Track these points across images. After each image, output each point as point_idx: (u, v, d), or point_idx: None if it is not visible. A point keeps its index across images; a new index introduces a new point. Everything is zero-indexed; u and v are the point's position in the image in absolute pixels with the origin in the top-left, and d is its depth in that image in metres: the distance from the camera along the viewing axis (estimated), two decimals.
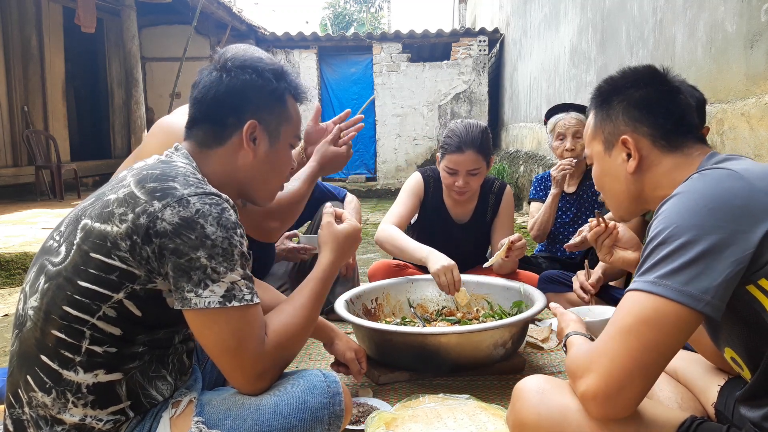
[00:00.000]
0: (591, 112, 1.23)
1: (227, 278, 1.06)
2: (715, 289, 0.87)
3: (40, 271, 1.13)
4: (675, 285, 0.88)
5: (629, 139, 1.12)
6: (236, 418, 1.11)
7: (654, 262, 0.92)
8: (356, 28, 22.92)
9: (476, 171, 2.42)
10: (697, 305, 0.87)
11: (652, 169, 1.12)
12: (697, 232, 0.89)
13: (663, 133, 1.11)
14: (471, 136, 2.38)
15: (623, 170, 1.14)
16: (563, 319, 1.30)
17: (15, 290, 3.76)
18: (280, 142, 1.29)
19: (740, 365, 0.98)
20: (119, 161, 9.13)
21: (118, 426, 1.11)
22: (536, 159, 6.83)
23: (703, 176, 0.98)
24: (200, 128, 1.25)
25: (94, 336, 1.07)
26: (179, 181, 1.09)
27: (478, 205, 2.62)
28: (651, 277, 0.91)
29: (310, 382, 1.19)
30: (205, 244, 1.04)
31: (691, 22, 3.12)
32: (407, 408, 1.62)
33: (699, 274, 0.88)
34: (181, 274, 1.04)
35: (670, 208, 0.95)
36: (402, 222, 2.51)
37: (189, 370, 1.27)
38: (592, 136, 1.22)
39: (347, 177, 10.61)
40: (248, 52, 1.45)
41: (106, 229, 1.06)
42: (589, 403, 0.94)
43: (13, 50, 7.43)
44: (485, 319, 2.19)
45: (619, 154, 1.15)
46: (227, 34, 9.70)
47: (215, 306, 1.05)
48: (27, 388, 1.09)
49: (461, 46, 10.32)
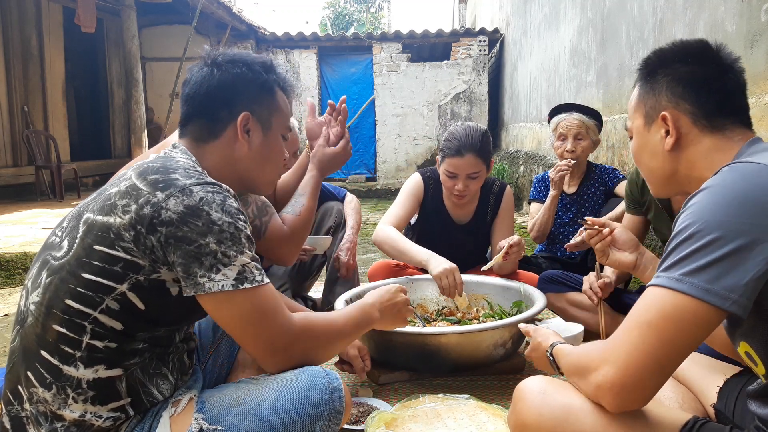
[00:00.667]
0: (637, 83, 1.19)
1: (238, 261, 1.08)
2: (743, 287, 0.85)
3: (43, 266, 1.13)
4: (701, 283, 0.87)
5: (668, 116, 1.08)
6: (237, 414, 1.12)
7: (680, 257, 0.90)
8: (356, 28, 22.92)
9: (476, 174, 2.42)
10: (724, 304, 0.86)
11: (689, 148, 1.08)
12: (726, 229, 0.87)
13: (705, 113, 1.07)
14: (471, 139, 2.38)
15: (661, 147, 1.11)
16: (539, 333, 1.29)
17: (15, 290, 3.76)
18: (272, 133, 1.32)
19: (755, 360, 0.98)
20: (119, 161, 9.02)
21: (118, 425, 1.11)
22: (536, 159, 6.83)
23: (734, 170, 0.94)
24: (195, 124, 1.27)
25: (95, 330, 1.07)
26: (180, 173, 1.11)
27: (478, 206, 2.62)
28: (676, 274, 0.89)
29: (311, 377, 1.19)
30: (213, 230, 1.06)
31: (691, 22, 3.12)
32: (407, 408, 1.62)
33: (726, 272, 0.86)
34: (191, 260, 1.05)
35: (698, 203, 0.93)
36: (400, 223, 2.50)
37: (190, 370, 1.28)
38: (634, 109, 1.18)
39: (347, 177, 10.62)
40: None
41: (109, 220, 1.08)
42: (605, 394, 0.93)
43: (13, 50, 7.43)
44: (485, 319, 2.19)
45: (658, 130, 1.11)
46: (227, 34, 9.70)
47: (229, 289, 1.07)
48: (27, 383, 1.09)
49: (461, 46, 10.33)
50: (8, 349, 1.16)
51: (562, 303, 2.38)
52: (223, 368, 1.51)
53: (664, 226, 2.15)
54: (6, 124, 7.34)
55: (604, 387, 0.93)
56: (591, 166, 2.96)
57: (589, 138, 2.83)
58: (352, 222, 2.74)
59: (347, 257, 2.61)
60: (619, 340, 0.93)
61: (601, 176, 2.92)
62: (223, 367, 1.52)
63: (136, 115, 7.62)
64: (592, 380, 0.95)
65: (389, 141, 10.52)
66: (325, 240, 2.60)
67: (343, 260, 2.60)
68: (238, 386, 1.20)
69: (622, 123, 4.12)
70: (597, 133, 2.86)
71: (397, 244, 2.37)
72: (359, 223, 2.82)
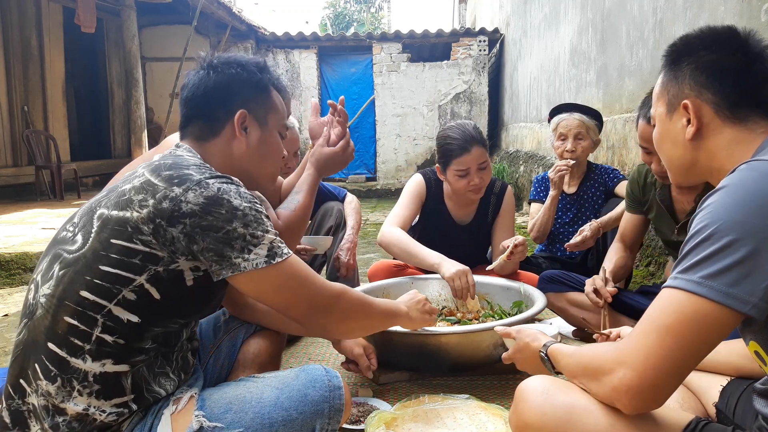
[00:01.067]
0: (662, 70, 1.16)
1: (266, 239, 1.13)
2: (763, 290, 0.84)
3: (54, 259, 1.15)
4: (721, 287, 0.85)
5: (690, 104, 1.05)
6: (237, 412, 1.13)
7: (698, 259, 0.88)
8: (356, 28, 22.92)
9: (485, 164, 2.45)
10: (743, 308, 0.84)
11: (710, 139, 1.05)
12: (744, 230, 0.85)
13: (728, 104, 1.03)
14: (469, 133, 2.41)
15: (682, 136, 1.08)
16: (524, 334, 1.29)
17: (15, 290, 3.76)
18: (269, 129, 1.36)
19: (764, 360, 0.97)
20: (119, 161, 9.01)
21: (121, 421, 1.12)
22: (536, 159, 6.83)
23: (753, 169, 0.91)
24: (194, 125, 1.31)
25: (106, 324, 1.09)
26: (193, 169, 1.15)
27: (479, 207, 2.62)
28: (695, 277, 0.87)
29: (311, 375, 1.21)
30: (237, 215, 1.11)
31: (691, 22, 3.12)
32: (407, 408, 1.63)
33: (746, 275, 0.84)
34: (222, 246, 1.10)
35: (716, 202, 0.90)
36: (405, 224, 2.51)
37: (192, 369, 1.29)
38: (658, 97, 1.15)
39: (347, 177, 10.62)
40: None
41: (125, 215, 1.10)
42: (621, 396, 0.92)
43: (13, 50, 7.43)
44: (485, 319, 2.19)
45: (680, 118, 1.08)
46: (227, 34, 9.70)
47: (263, 266, 1.12)
48: (34, 376, 1.10)
49: (461, 46, 10.33)
50: (14, 342, 1.17)
51: (562, 303, 2.38)
52: (223, 368, 1.52)
53: (665, 226, 2.15)
54: (6, 124, 7.34)
55: (620, 389, 0.92)
56: (591, 166, 2.96)
57: (590, 138, 2.83)
58: (353, 222, 2.74)
59: (347, 257, 2.61)
60: (636, 342, 0.91)
61: (601, 176, 2.93)
62: (224, 368, 1.52)
63: (136, 115, 7.62)
64: (606, 382, 0.94)
65: (389, 141, 10.52)
66: (326, 240, 2.60)
67: (343, 260, 2.60)
68: (238, 384, 1.22)
69: (622, 123, 4.12)
70: (597, 133, 2.86)
71: (407, 247, 2.37)
72: (359, 223, 2.82)
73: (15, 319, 3.10)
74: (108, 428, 1.11)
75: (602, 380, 0.95)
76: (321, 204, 2.85)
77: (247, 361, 1.51)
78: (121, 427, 1.12)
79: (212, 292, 1.22)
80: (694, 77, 1.06)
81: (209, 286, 1.18)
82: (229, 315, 1.60)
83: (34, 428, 1.10)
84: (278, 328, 1.60)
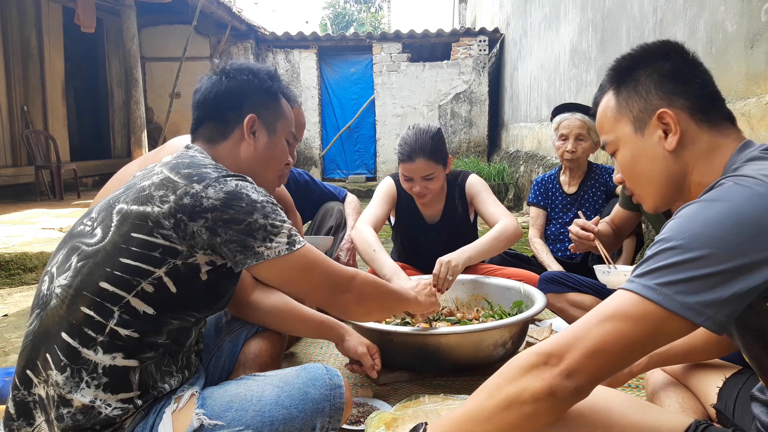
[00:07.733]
0: (608, 93, 1.12)
1: (285, 229, 1.19)
2: (720, 305, 0.79)
3: (72, 251, 1.16)
4: (678, 296, 0.81)
5: (669, 111, 1.02)
6: (238, 410, 1.14)
7: (659, 265, 0.83)
8: (356, 28, 22.94)
9: (431, 176, 2.43)
10: (697, 319, 0.80)
11: (689, 147, 1.02)
12: (717, 249, 0.80)
13: (700, 106, 1.02)
14: (420, 143, 2.38)
15: (660, 150, 1.03)
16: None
17: (15, 290, 3.76)
18: (276, 135, 1.40)
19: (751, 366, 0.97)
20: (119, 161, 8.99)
21: (124, 418, 1.12)
22: (536, 159, 6.83)
23: (740, 187, 0.86)
24: (206, 127, 1.35)
25: (122, 317, 1.11)
26: (210, 168, 1.20)
27: (446, 204, 2.64)
28: (651, 283, 0.83)
29: (311, 374, 1.22)
30: (256, 207, 1.16)
31: (691, 22, 3.12)
32: (407, 408, 1.62)
33: (708, 288, 0.80)
34: (245, 236, 1.14)
35: (693, 213, 0.85)
36: (378, 222, 2.51)
37: (195, 369, 1.30)
38: (614, 119, 1.10)
39: (347, 177, 10.62)
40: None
41: (146, 210, 1.13)
42: (557, 383, 0.84)
43: (12, 50, 7.43)
44: (485, 319, 2.19)
45: (655, 131, 1.03)
46: (227, 34, 9.71)
47: (285, 253, 1.18)
48: (44, 366, 1.10)
49: (461, 46, 10.33)
50: (24, 333, 1.18)
51: (562, 303, 2.38)
52: (225, 368, 1.53)
53: (660, 226, 2.14)
54: (6, 124, 7.34)
55: (556, 377, 0.84)
56: (591, 166, 2.96)
57: (591, 139, 2.84)
58: (353, 222, 2.74)
59: (347, 257, 2.61)
60: (576, 332, 0.86)
61: (602, 176, 2.93)
62: (225, 368, 1.53)
63: (136, 115, 7.62)
64: (540, 373, 0.85)
65: (389, 141, 10.52)
66: (326, 240, 2.60)
67: (343, 260, 2.60)
68: (239, 383, 1.23)
69: None
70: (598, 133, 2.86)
71: (369, 250, 2.30)
72: None
73: (15, 319, 3.10)
74: (111, 424, 1.11)
75: (535, 373, 0.86)
76: (321, 204, 2.85)
77: (248, 362, 1.52)
78: (124, 424, 1.13)
79: (224, 288, 1.26)
80: (661, 86, 1.03)
81: (221, 282, 1.22)
82: (230, 316, 1.60)
83: (38, 419, 1.11)
84: (279, 330, 1.61)
